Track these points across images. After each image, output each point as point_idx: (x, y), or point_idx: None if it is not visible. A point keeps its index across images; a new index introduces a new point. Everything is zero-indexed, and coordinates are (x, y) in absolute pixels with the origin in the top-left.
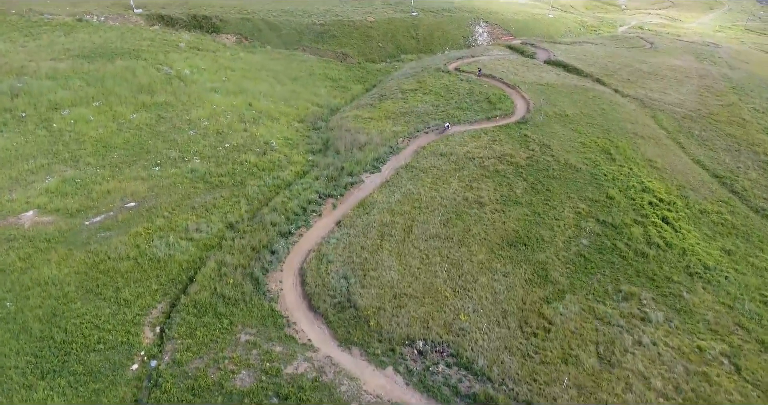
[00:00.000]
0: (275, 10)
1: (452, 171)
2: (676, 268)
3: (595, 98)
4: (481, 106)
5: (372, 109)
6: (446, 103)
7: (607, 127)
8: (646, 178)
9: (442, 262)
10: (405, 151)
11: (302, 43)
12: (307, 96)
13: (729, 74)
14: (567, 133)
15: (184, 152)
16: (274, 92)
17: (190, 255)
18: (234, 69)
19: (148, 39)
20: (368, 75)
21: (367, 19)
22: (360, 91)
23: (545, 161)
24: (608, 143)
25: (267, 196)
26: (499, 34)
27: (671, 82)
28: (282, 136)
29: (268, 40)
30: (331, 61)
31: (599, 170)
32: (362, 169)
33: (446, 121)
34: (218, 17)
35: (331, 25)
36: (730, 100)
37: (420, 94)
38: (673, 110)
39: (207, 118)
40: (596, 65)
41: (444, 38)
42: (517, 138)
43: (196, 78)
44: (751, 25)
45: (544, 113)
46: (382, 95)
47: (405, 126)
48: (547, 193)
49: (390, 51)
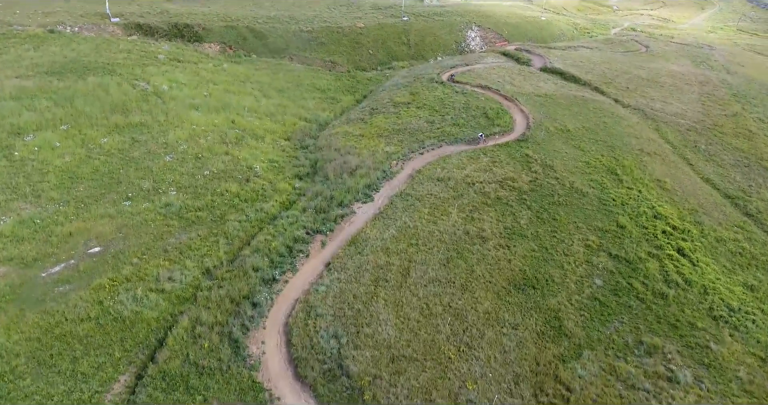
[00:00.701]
0: (261, 17)
1: (451, 199)
2: (698, 311)
3: (596, 110)
4: (479, 121)
5: (363, 124)
6: (441, 119)
7: (611, 144)
8: (657, 202)
9: (444, 312)
10: (399, 175)
11: (289, 51)
12: (294, 110)
13: (728, 80)
14: (570, 151)
15: (159, 182)
16: (259, 107)
17: (160, 311)
18: (217, 82)
19: (125, 51)
20: (358, 84)
21: (357, 25)
22: (350, 102)
23: (549, 185)
24: (614, 162)
25: (249, 232)
26: (492, 38)
27: (671, 89)
28: (267, 159)
29: (254, 49)
30: (320, 70)
31: (607, 194)
32: (353, 198)
33: (480, 132)
34: (201, 25)
35: (319, 32)
36: (734, 109)
37: (413, 108)
38: (677, 122)
39: (186, 140)
40: (594, 72)
41: (436, 44)
42: (519, 158)
43: (175, 94)
44: (743, 25)
45: (544, 129)
46: (373, 109)
47: (398, 146)
48: (553, 222)
49: (381, 58)
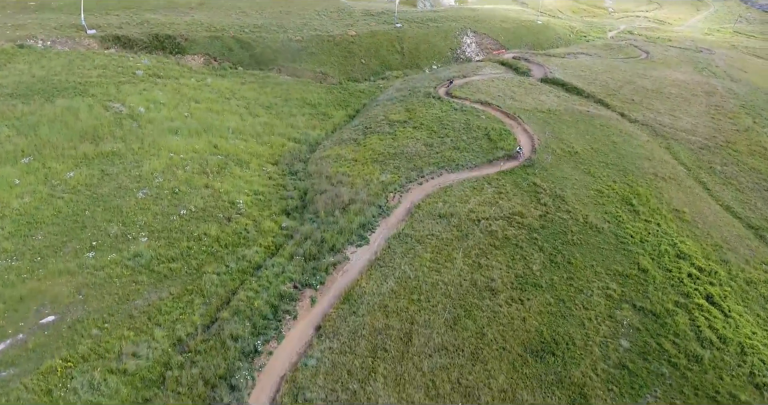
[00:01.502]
0: (247, 26)
1: (455, 240)
2: (738, 378)
3: (603, 128)
4: (481, 144)
5: (356, 146)
6: (441, 142)
7: (623, 167)
8: (678, 238)
9: (452, 392)
10: (397, 210)
11: (277, 62)
12: (282, 129)
13: (734, 89)
14: (580, 177)
15: (129, 226)
16: (245, 127)
17: (120, 399)
18: (199, 100)
19: (100, 67)
20: (351, 97)
21: (348, 33)
22: (342, 117)
23: (561, 220)
24: (628, 190)
25: (229, 287)
26: (487, 44)
27: (678, 101)
28: (251, 191)
29: (240, 61)
30: (310, 83)
31: (624, 230)
32: (347, 240)
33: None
34: (183, 36)
35: (309, 42)
36: (745, 123)
37: (410, 128)
38: (688, 139)
39: (162, 171)
40: (596, 83)
41: (430, 51)
42: (526, 188)
43: (152, 116)
44: (739, 27)
45: (551, 151)
46: (367, 127)
47: (395, 174)
48: (569, 267)
49: (374, 68)
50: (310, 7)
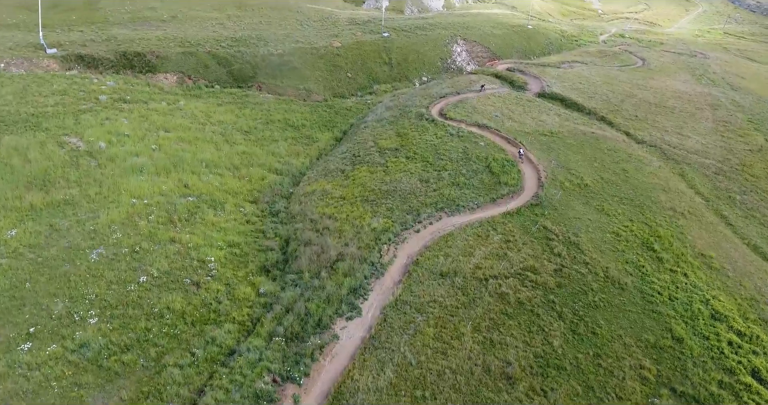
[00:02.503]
0: (224, 40)
1: (461, 308)
2: None
3: (611, 152)
4: (482, 179)
5: (344, 180)
6: (437, 176)
7: (638, 202)
8: (709, 291)
9: None
10: (392, 268)
11: (257, 79)
12: (262, 158)
13: (738, 99)
14: (594, 216)
15: (77, 301)
16: (221, 158)
17: None
18: (169, 128)
19: (59, 92)
20: (337, 117)
21: (333, 44)
22: (328, 141)
23: (579, 276)
24: (647, 231)
25: (195, 384)
26: (478, 52)
27: (683, 116)
28: (226, 242)
29: (217, 78)
30: (293, 101)
31: (650, 284)
32: (335, 311)
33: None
34: (154, 53)
35: (291, 55)
36: (757, 141)
37: (403, 158)
38: (701, 162)
39: (122, 223)
40: (596, 98)
41: (420, 61)
42: (536, 234)
43: (114, 152)
44: (729, 27)
45: (559, 184)
46: (355, 155)
47: (388, 219)
48: (594, 339)
49: (360, 81)
50: (291, 16)
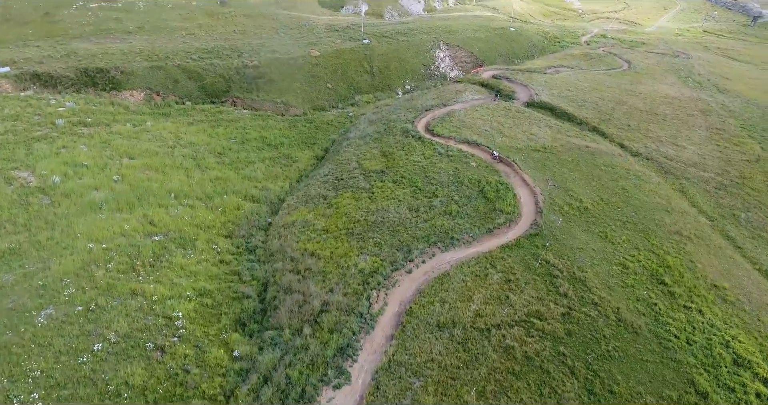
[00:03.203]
0: (195, 52)
1: (462, 369)
2: None
3: (608, 169)
4: (476, 206)
5: (327, 208)
6: (428, 204)
7: (642, 226)
8: (728, 331)
9: None
10: (383, 319)
11: (232, 93)
12: (237, 184)
13: (726, 103)
14: (597, 245)
15: (18, 380)
16: (192, 186)
17: None
18: (134, 154)
19: (10, 118)
20: (317, 132)
21: (311, 53)
22: (309, 160)
23: (589, 320)
24: (655, 260)
25: None
26: (461, 57)
27: (676, 124)
28: (196, 291)
29: (188, 94)
30: (270, 117)
31: (664, 326)
32: (320, 378)
33: (494, 150)
34: (119, 69)
35: (268, 66)
36: (754, 151)
37: (389, 182)
38: (700, 176)
39: (76, 274)
40: (587, 106)
41: (402, 69)
42: (539, 271)
43: (70, 187)
44: (707, 25)
45: (558, 209)
46: (338, 178)
47: (376, 257)
48: (611, 399)
49: (341, 92)
50: (267, 23)
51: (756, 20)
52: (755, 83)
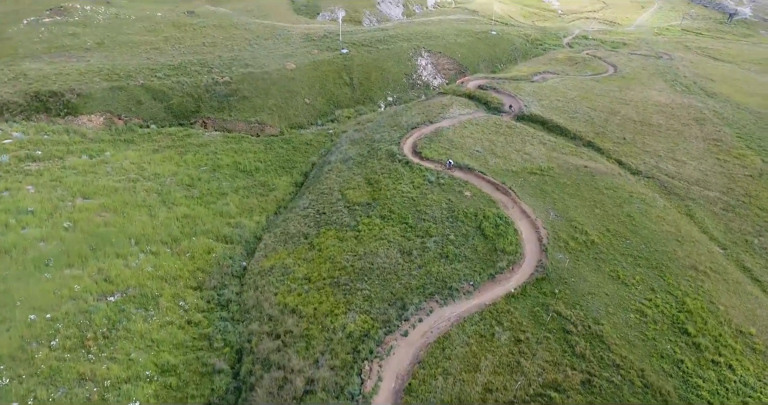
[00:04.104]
0: (161, 68)
1: None
2: None
3: (610, 192)
4: (474, 246)
5: (308, 250)
6: (422, 245)
7: (655, 261)
8: (764, 391)
9: None
10: (377, 400)
11: (201, 113)
12: (208, 221)
13: (718, 109)
14: (610, 288)
15: None
16: (156, 229)
17: None
18: (90, 193)
19: None
20: (296, 154)
21: (287, 66)
22: (287, 188)
23: (613, 389)
24: (674, 304)
25: None
26: (444, 64)
27: (672, 136)
28: (157, 369)
29: (153, 116)
30: (244, 138)
31: (695, 390)
32: None
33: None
34: (75, 91)
35: (240, 82)
36: (755, 164)
37: (376, 217)
38: (705, 196)
39: (11, 356)
40: (579, 118)
41: (383, 79)
42: (550, 326)
43: (11, 241)
44: (686, 24)
45: (563, 244)
46: (320, 212)
47: (366, 315)
48: None
49: (320, 107)
50: (238, 34)
51: (732, 17)
52: (740, 85)
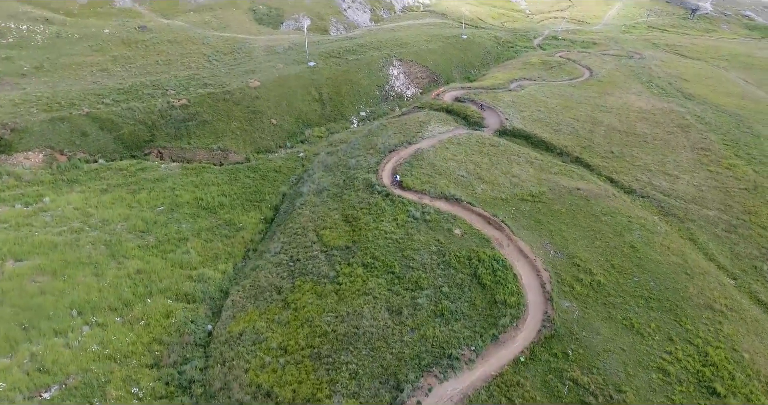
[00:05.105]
0: (109, 93)
1: None
2: None
3: (608, 219)
4: (471, 299)
5: (282, 310)
6: (413, 302)
7: (668, 302)
8: None
9: None
10: None
11: (156, 143)
12: (166, 277)
13: (699, 113)
14: (626, 341)
15: None
16: (102, 292)
17: None
18: (23, 254)
19: None
20: (264, 184)
21: (250, 83)
22: (256, 225)
23: None
24: (696, 357)
25: None
26: (417, 72)
27: (659, 146)
28: None
29: (101, 148)
30: (205, 168)
31: None
32: None
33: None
34: (8, 126)
35: (199, 104)
36: (748, 175)
37: (358, 266)
38: (705, 216)
39: None
40: (563, 130)
41: (355, 93)
42: (569, 399)
43: None
44: (651, 21)
45: (568, 289)
46: (294, 259)
47: (354, 399)
48: None
49: (288, 128)
50: (196, 50)
51: (694, 13)
52: (714, 85)
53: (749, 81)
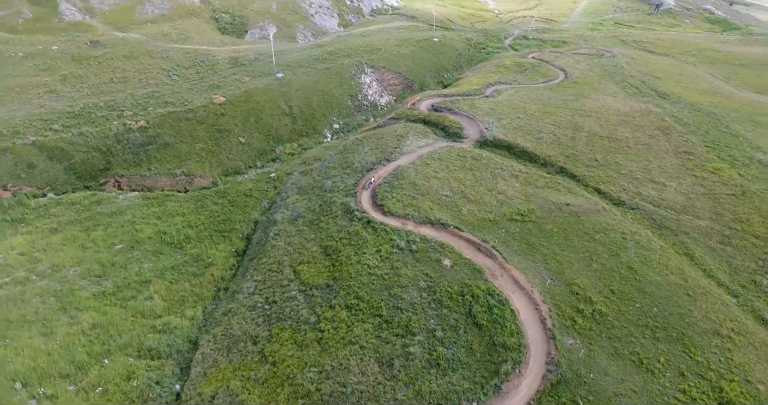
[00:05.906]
0: (58, 118)
1: None
2: None
3: (601, 236)
4: (468, 343)
5: (259, 365)
6: (403, 351)
7: (675, 332)
8: None
9: None
10: None
11: (112, 171)
12: (126, 330)
13: (676, 113)
14: (636, 381)
15: None
16: (52, 354)
17: None
18: None
19: None
20: (234, 211)
21: (215, 99)
22: (226, 260)
23: None
24: (711, 394)
25: None
26: (389, 79)
27: (642, 151)
28: None
29: (51, 180)
30: (168, 197)
31: None
32: None
33: None
34: None
35: (160, 125)
36: (733, 179)
37: (342, 308)
38: (697, 227)
39: None
40: (544, 138)
41: (326, 104)
42: None
43: None
44: (617, 17)
45: (570, 324)
46: (270, 300)
47: None
48: None
49: (258, 146)
50: (154, 64)
51: (658, 9)
52: (684, 81)
53: (716, 76)
